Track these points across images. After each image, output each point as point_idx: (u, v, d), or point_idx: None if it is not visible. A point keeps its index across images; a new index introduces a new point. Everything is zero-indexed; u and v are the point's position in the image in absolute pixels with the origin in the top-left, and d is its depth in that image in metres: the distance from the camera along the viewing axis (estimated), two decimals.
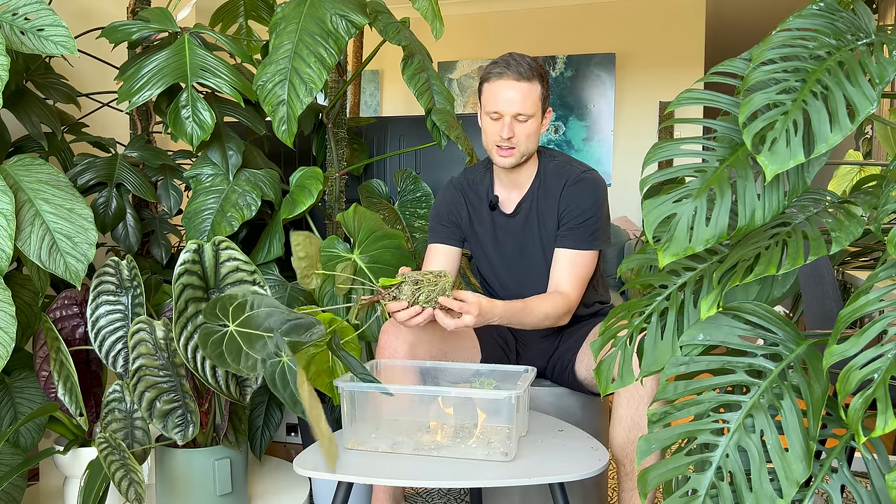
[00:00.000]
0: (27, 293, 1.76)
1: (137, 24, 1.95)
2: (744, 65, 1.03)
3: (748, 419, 0.90)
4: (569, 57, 5.61)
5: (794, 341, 0.94)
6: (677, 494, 0.90)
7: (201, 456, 1.70)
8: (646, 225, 0.99)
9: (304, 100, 1.82)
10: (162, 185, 2.09)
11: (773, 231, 0.96)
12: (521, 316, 1.65)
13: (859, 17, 0.99)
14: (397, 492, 1.69)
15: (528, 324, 1.68)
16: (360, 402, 1.48)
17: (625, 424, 1.56)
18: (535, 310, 1.68)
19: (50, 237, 1.58)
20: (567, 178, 1.80)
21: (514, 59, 1.72)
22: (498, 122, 1.72)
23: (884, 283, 0.85)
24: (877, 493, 0.85)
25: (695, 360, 0.97)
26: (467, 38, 5.64)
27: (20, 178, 1.62)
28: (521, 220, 1.84)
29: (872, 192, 0.97)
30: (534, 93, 1.71)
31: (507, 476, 1.32)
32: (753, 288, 1.03)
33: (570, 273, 1.76)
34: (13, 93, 1.87)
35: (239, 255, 1.61)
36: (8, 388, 1.81)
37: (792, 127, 0.89)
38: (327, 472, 1.37)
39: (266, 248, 2.01)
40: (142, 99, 1.85)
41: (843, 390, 0.81)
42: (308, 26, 1.86)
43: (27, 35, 1.62)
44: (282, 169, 2.23)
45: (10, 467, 1.66)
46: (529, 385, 1.51)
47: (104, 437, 1.52)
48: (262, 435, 2.12)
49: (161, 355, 1.61)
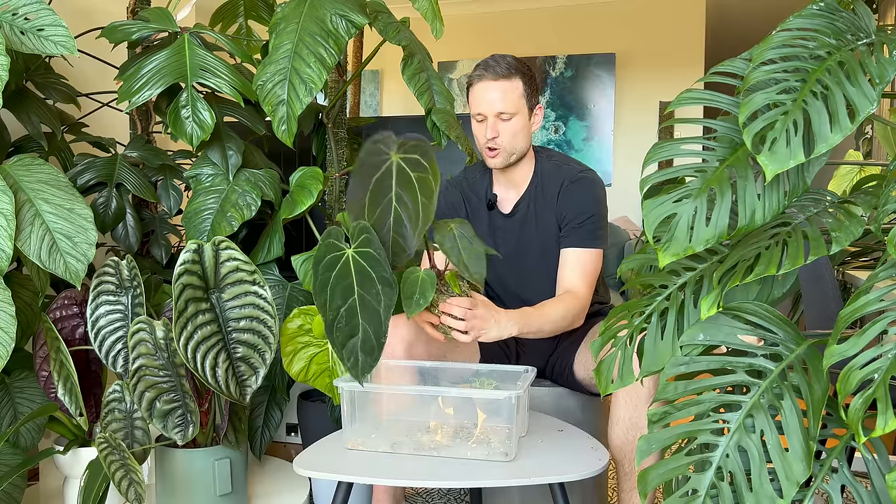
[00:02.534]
0: (27, 293, 1.76)
1: (137, 24, 1.95)
2: (744, 65, 1.03)
3: (748, 419, 0.90)
4: (569, 57, 5.61)
5: (795, 341, 0.94)
6: (677, 494, 0.90)
7: (201, 456, 1.70)
8: (646, 225, 0.99)
9: (304, 100, 1.82)
10: (162, 185, 2.09)
11: (774, 231, 0.96)
12: (536, 320, 1.64)
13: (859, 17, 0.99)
14: (397, 492, 1.69)
15: (545, 330, 1.66)
16: (361, 402, 1.48)
17: (623, 425, 1.56)
18: (548, 313, 1.66)
19: (50, 237, 1.58)
20: (565, 178, 1.80)
21: (494, 59, 1.74)
22: (483, 123, 1.74)
23: (884, 283, 0.85)
24: (877, 493, 0.85)
25: (695, 360, 0.97)
26: (467, 38, 5.64)
27: (20, 178, 1.62)
28: (519, 220, 1.84)
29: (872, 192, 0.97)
30: (514, 90, 1.72)
31: (507, 476, 1.32)
32: (753, 288, 1.02)
33: (579, 272, 1.75)
34: (13, 93, 1.87)
35: (239, 255, 1.61)
36: (8, 388, 1.81)
37: (792, 127, 0.89)
38: (327, 472, 1.37)
39: (266, 248, 2.01)
40: (142, 99, 1.85)
41: (843, 390, 0.81)
42: (308, 26, 1.86)
43: (27, 35, 1.62)
44: (282, 169, 2.23)
45: (10, 467, 1.66)
46: (529, 385, 1.51)
47: (104, 437, 1.52)
48: (262, 435, 2.12)
49: (161, 355, 1.61)
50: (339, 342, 1.34)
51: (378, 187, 1.37)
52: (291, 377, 1.83)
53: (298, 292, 2.02)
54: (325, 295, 1.36)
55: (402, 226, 1.36)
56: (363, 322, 1.34)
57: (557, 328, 1.68)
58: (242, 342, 1.60)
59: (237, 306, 1.61)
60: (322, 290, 1.36)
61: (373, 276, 1.34)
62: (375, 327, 1.33)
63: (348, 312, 1.34)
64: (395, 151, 1.37)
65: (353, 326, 1.34)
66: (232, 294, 1.60)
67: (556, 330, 1.69)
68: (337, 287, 1.35)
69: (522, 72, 1.74)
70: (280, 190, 2.04)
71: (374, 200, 1.37)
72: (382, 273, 1.34)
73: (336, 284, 1.35)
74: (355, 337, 1.34)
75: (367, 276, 1.34)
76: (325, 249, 1.37)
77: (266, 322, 1.61)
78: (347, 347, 1.34)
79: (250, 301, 1.61)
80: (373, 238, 1.35)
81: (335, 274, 1.36)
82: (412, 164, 1.36)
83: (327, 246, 1.37)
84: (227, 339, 1.60)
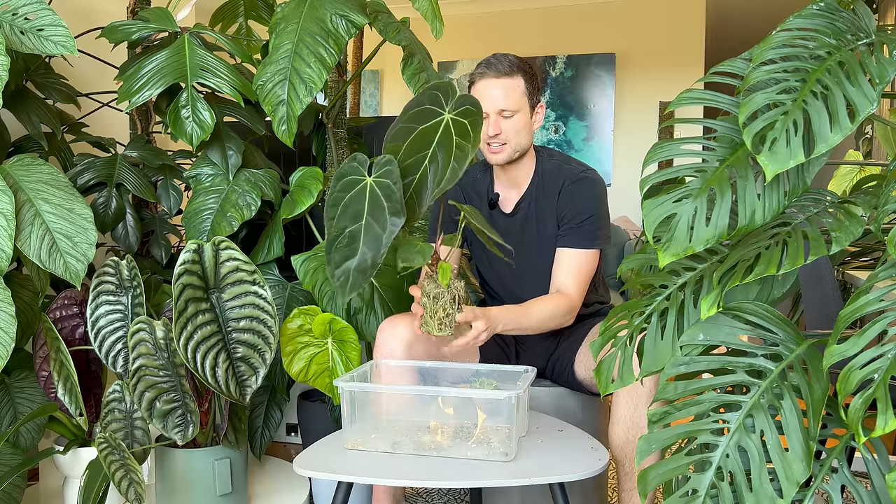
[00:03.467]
0: (27, 293, 1.76)
1: (137, 24, 1.95)
2: (744, 65, 1.03)
3: (748, 419, 0.90)
4: (569, 57, 5.60)
5: (794, 341, 0.94)
6: (677, 494, 0.90)
7: (201, 456, 1.70)
8: (646, 225, 0.99)
9: (304, 100, 1.82)
10: (162, 185, 2.09)
11: (774, 231, 0.96)
12: (523, 319, 1.65)
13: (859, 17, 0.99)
14: (397, 492, 1.69)
15: (531, 327, 1.68)
16: (361, 402, 1.48)
17: (624, 425, 1.56)
18: (536, 312, 1.67)
19: (50, 237, 1.58)
20: (566, 178, 1.80)
21: (495, 58, 1.75)
22: (485, 121, 1.74)
23: (884, 283, 0.85)
24: (877, 493, 0.85)
25: (695, 360, 0.97)
26: (467, 38, 5.64)
27: (20, 178, 1.62)
28: (521, 220, 1.84)
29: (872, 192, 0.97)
30: (516, 88, 1.73)
31: (507, 476, 1.32)
32: (753, 288, 1.03)
33: (572, 272, 1.76)
34: (13, 93, 1.87)
35: (239, 255, 1.61)
36: (8, 388, 1.81)
37: (792, 127, 0.89)
38: (327, 472, 1.37)
39: (266, 248, 2.01)
40: (142, 99, 1.85)
41: (843, 390, 0.81)
42: (308, 26, 1.86)
43: (27, 35, 1.62)
44: (282, 169, 2.23)
45: (10, 467, 1.66)
46: (529, 385, 1.51)
47: (104, 437, 1.52)
48: (262, 435, 2.12)
49: (161, 355, 1.61)
50: (335, 262, 1.38)
51: (420, 139, 1.41)
52: (291, 377, 1.83)
53: (298, 292, 2.02)
54: (334, 211, 1.40)
55: (424, 187, 1.40)
56: (364, 246, 1.37)
57: (544, 327, 1.69)
58: (242, 342, 1.60)
59: (237, 306, 1.61)
60: (333, 206, 1.40)
61: (384, 206, 1.37)
62: (374, 251, 1.37)
63: (351, 235, 1.38)
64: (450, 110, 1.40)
65: (353, 249, 1.37)
66: (232, 294, 1.60)
67: (542, 328, 1.70)
68: (348, 209, 1.39)
69: (524, 70, 1.75)
70: (280, 190, 2.04)
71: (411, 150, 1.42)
72: (395, 204, 1.37)
73: (348, 206, 1.39)
74: (352, 259, 1.37)
75: (379, 204, 1.38)
76: (348, 170, 1.41)
77: (266, 322, 1.61)
78: (342, 268, 1.37)
79: (250, 301, 1.61)
80: (394, 170, 1.38)
81: (350, 196, 1.40)
82: (459, 128, 1.39)
83: (351, 168, 1.42)
84: (227, 339, 1.60)
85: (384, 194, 1.38)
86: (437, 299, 1.46)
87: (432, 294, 1.47)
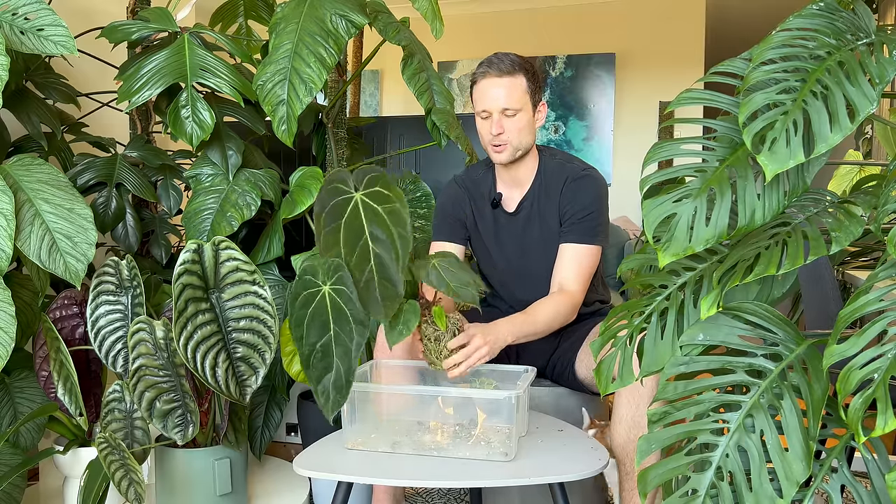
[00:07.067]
0: (27, 293, 1.76)
1: (137, 24, 1.95)
2: (744, 65, 1.03)
3: (748, 419, 0.90)
4: (569, 57, 5.60)
5: (794, 341, 0.94)
6: (677, 494, 0.90)
7: (201, 456, 1.70)
8: (646, 225, 0.99)
9: (304, 100, 1.82)
10: (162, 185, 2.09)
11: (773, 231, 0.96)
12: (530, 326, 1.64)
13: (859, 17, 0.99)
14: (397, 492, 1.69)
15: (539, 332, 1.67)
16: (361, 402, 1.48)
17: (625, 424, 1.56)
18: (541, 316, 1.67)
19: (50, 237, 1.58)
20: (568, 176, 1.81)
21: (497, 57, 1.75)
22: (487, 120, 1.75)
23: (884, 283, 0.85)
24: (877, 493, 0.85)
25: (695, 360, 0.97)
26: (467, 38, 5.64)
27: (20, 178, 1.62)
28: (523, 219, 1.85)
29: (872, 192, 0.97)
30: (518, 87, 1.73)
31: (507, 476, 1.32)
32: (753, 288, 1.03)
33: (574, 268, 1.76)
34: (13, 93, 1.87)
35: (239, 255, 1.61)
36: (8, 388, 1.81)
37: (792, 127, 0.89)
38: (327, 472, 1.37)
39: (266, 248, 2.01)
40: (141, 99, 1.85)
41: (843, 390, 0.81)
42: (308, 26, 1.86)
43: (27, 35, 1.62)
44: (282, 169, 2.23)
45: (9, 467, 1.66)
46: (529, 385, 1.51)
47: (104, 437, 1.52)
48: (262, 435, 2.12)
49: (161, 355, 1.61)
50: (315, 378, 1.34)
51: (349, 230, 1.35)
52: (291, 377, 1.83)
53: None
54: (300, 330, 1.35)
55: (386, 267, 1.34)
56: (337, 359, 1.34)
57: (550, 328, 1.70)
58: (242, 342, 1.60)
59: (237, 306, 1.61)
60: (298, 325, 1.35)
61: (347, 314, 1.34)
62: (346, 366, 1.33)
63: (324, 349, 1.34)
64: (357, 190, 1.36)
65: (328, 363, 1.34)
66: (232, 294, 1.60)
67: (549, 331, 1.71)
68: (313, 323, 1.35)
69: (525, 68, 1.75)
70: (280, 190, 2.04)
71: (349, 243, 1.35)
72: (356, 311, 1.34)
73: (312, 321, 1.35)
74: (329, 373, 1.34)
75: (342, 313, 1.34)
76: (301, 286, 1.37)
77: (266, 322, 1.61)
78: (322, 384, 1.34)
79: (250, 301, 1.61)
80: (346, 276, 1.34)
81: (311, 311, 1.35)
82: (376, 198, 1.35)
83: (303, 283, 1.37)
84: (227, 339, 1.60)
85: (344, 302, 1.34)
86: (438, 340, 1.47)
87: (433, 337, 1.47)
